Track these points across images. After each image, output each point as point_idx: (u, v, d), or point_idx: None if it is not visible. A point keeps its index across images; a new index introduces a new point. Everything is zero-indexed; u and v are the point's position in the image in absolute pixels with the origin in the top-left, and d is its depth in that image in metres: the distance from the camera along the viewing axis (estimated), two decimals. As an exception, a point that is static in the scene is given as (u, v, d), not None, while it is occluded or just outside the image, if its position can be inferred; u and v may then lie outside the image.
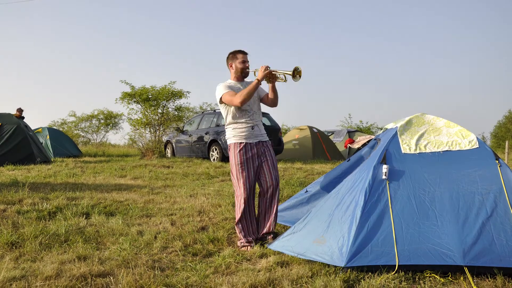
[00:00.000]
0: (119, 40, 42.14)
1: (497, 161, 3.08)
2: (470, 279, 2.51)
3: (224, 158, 10.36)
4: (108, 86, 42.30)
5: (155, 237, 3.50)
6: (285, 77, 3.37)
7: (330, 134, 15.26)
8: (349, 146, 12.75)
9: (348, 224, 2.83)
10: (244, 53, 3.50)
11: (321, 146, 12.74)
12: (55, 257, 2.95)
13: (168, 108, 13.17)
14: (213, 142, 10.79)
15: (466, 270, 2.56)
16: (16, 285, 2.43)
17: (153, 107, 12.70)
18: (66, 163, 9.77)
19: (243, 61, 3.48)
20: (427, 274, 2.62)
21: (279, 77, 3.40)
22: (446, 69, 44.82)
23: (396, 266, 2.61)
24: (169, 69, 42.82)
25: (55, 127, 20.99)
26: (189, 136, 11.85)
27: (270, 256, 2.98)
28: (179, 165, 9.51)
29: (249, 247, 3.25)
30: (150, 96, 12.58)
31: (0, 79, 40.77)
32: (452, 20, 42.76)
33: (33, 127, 12.51)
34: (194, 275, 2.64)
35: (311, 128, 13.03)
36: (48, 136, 13.07)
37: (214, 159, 10.65)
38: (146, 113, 12.75)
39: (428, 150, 3.22)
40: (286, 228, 3.72)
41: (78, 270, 2.65)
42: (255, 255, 3.04)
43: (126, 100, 12.70)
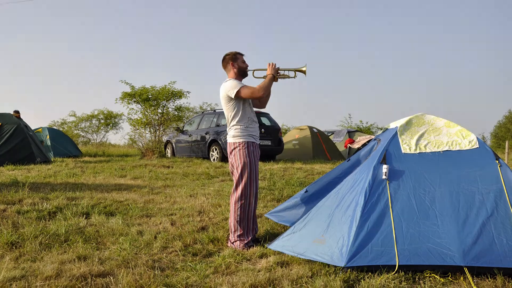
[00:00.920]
0: (119, 40, 42.18)
1: (497, 161, 3.08)
2: (470, 279, 2.51)
3: (224, 158, 10.35)
4: (108, 86, 42.36)
5: (155, 237, 3.50)
6: (289, 74, 3.51)
7: (330, 134, 15.25)
8: (349, 146, 12.76)
9: (348, 224, 2.83)
10: (243, 54, 3.57)
11: (321, 146, 12.73)
12: (55, 257, 2.95)
13: (168, 108, 13.18)
14: (213, 142, 10.78)
15: (466, 271, 2.56)
16: (16, 285, 2.43)
17: (153, 107, 12.70)
18: (66, 163, 9.77)
19: (244, 61, 3.53)
20: (427, 274, 2.62)
21: (284, 74, 3.51)
22: (446, 69, 44.89)
23: (396, 266, 2.61)
24: (169, 69, 42.87)
25: (55, 127, 20.97)
26: (189, 136, 11.85)
27: (270, 256, 2.98)
28: (179, 165, 9.51)
29: (250, 247, 3.25)
30: (150, 96, 12.59)
31: (0, 79, 40.81)
32: (452, 20, 42.81)
33: (33, 127, 12.50)
34: (194, 275, 2.64)
35: (311, 128, 13.02)
36: (48, 136, 13.06)
37: (214, 159, 10.64)
38: (146, 113, 12.76)
39: (428, 150, 3.22)
40: (286, 228, 3.72)
41: (78, 270, 2.65)
42: (255, 255, 3.04)
43: (126, 100, 12.71)
